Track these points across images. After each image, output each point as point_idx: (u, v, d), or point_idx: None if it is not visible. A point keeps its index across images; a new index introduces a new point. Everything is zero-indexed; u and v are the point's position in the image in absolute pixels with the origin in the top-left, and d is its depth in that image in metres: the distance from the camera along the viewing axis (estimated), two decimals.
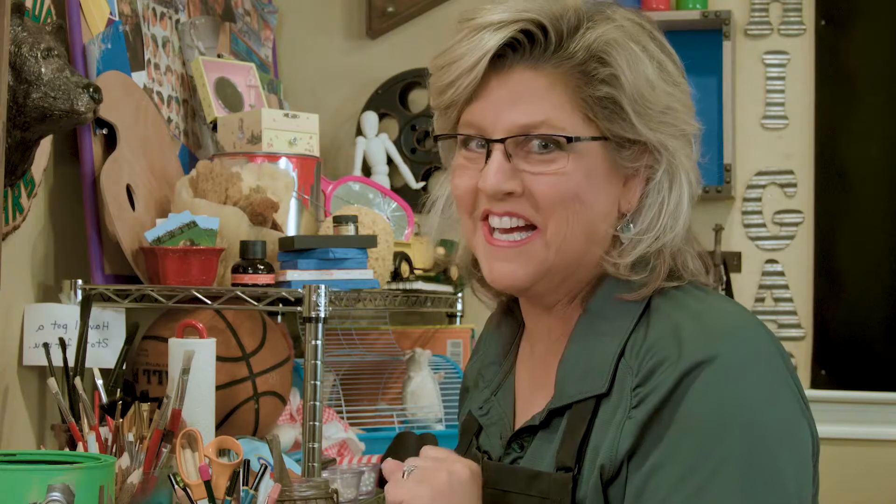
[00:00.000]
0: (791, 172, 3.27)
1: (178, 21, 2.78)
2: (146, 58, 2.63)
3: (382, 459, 2.69)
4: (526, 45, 1.34)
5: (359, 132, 3.33)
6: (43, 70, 2.14)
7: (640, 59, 1.32)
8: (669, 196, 1.35)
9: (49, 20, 2.30)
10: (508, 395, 1.47)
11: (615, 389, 1.31)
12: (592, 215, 1.35)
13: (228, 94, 2.78)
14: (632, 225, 1.36)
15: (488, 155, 1.35)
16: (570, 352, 1.37)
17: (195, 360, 2.07)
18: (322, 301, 2.25)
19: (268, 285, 2.35)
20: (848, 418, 3.14)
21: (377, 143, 3.29)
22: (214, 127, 2.72)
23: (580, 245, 1.36)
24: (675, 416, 1.25)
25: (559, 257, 1.36)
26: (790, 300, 3.23)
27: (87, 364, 2.26)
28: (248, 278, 2.35)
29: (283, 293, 2.31)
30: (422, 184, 3.33)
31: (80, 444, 2.03)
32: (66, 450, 2.09)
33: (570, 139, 1.32)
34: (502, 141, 1.34)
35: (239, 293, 2.32)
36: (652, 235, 1.34)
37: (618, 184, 1.36)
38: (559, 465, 1.33)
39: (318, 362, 2.25)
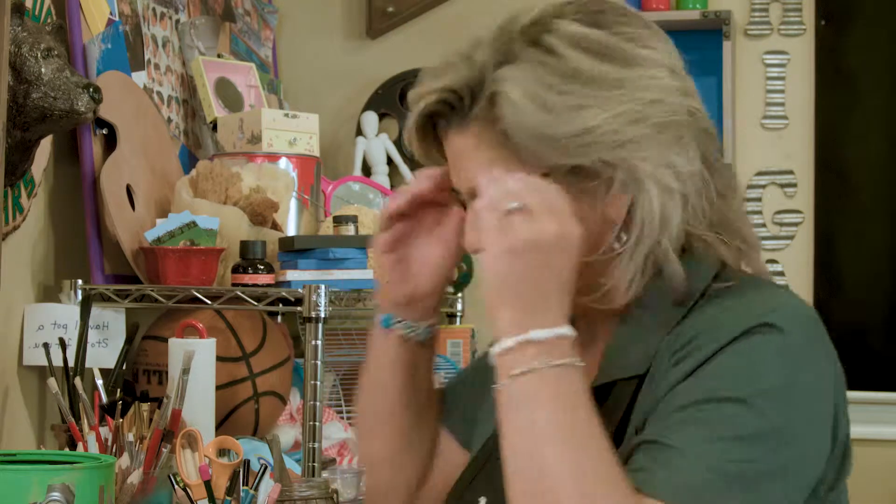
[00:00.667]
0: (791, 172, 3.27)
1: (178, 21, 2.78)
2: (146, 58, 2.63)
3: None
4: (448, 112, 1.33)
5: (359, 132, 3.33)
6: (43, 70, 2.14)
7: (528, 101, 1.27)
8: (643, 203, 1.28)
9: (49, 20, 2.30)
10: None
11: (656, 367, 1.28)
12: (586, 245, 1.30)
13: (228, 94, 2.78)
14: (623, 236, 1.30)
15: None
16: (617, 337, 1.34)
17: (195, 360, 2.07)
18: (322, 301, 2.25)
19: (268, 285, 2.35)
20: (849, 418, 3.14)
21: (377, 143, 3.29)
22: (214, 127, 2.72)
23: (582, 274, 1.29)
24: (706, 369, 1.23)
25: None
26: None
27: (87, 364, 2.26)
28: (248, 278, 2.35)
29: (283, 293, 2.31)
30: None
31: (80, 444, 2.03)
32: (66, 450, 2.09)
33: None
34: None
35: (239, 293, 2.32)
36: (644, 246, 1.29)
37: (592, 205, 1.29)
38: None
39: (318, 362, 2.25)
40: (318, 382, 2.25)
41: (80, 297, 2.34)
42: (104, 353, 2.35)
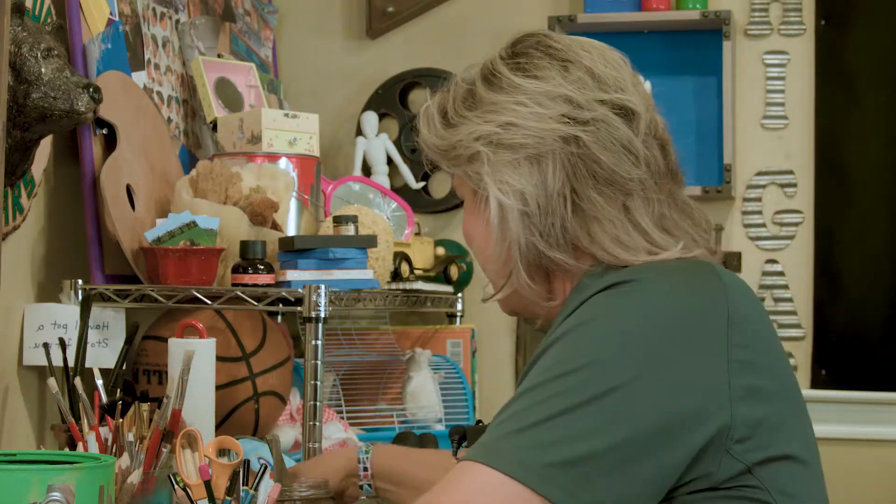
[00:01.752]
0: (791, 172, 3.27)
1: (178, 21, 2.78)
2: (146, 58, 2.63)
3: None
4: None
5: (359, 132, 3.33)
6: (43, 70, 2.14)
7: (425, 120, 1.55)
8: (487, 214, 1.48)
9: (49, 20, 2.30)
10: None
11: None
12: (477, 242, 1.54)
13: (228, 94, 2.78)
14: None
15: None
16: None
17: (195, 360, 2.07)
18: (322, 301, 2.25)
19: (268, 285, 2.35)
20: (848, 418, 3.14)
21: (377, 143, 3.29)
22: (214, 127, 2.72)
23: (483, 265, 1.56)
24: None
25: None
26: (790, 300, 3.23)
27: (87, 364, 2.26)
28: (248, 278, 2.35)
29: (283, 293, 2.31)
30: (422, 184, 3.33)
31: (80, 444, 2.03)
32: (66, 450, 2.09)
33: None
34: None
35: (239, 293, 2.32)
36: (493, 252, 1.49)
37: (484, 214, 1.50)
38: None
39: (318, 362, 2.25)
40: (318, 382, 2.25)
41: (80, 297, 2.35)
42: (104, 353, 2.35)
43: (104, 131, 2.45)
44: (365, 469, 1.85)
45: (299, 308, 2.28)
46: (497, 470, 1.27)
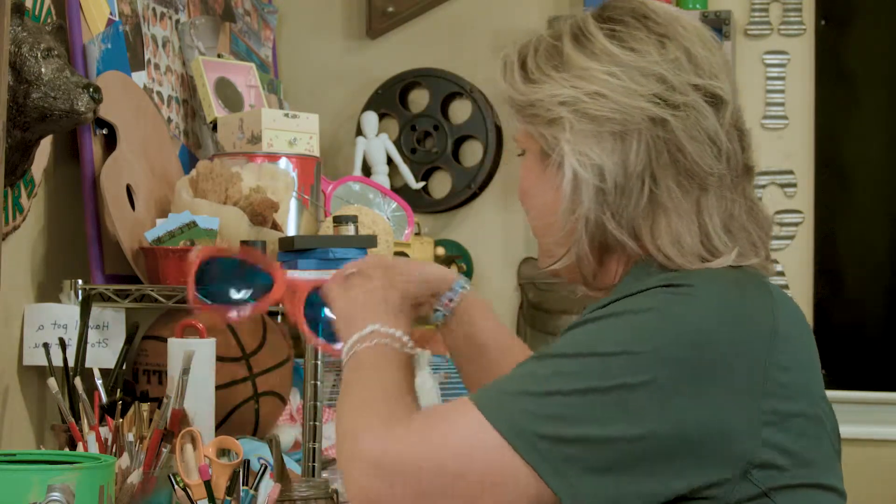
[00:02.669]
0: (791, 172, 3.27)
1: (178, 21, 2.78)
2: (146, 58, 2.63)
3: None
4: None
5: (359, 132, 3.33)
6: (43, 70, 2.14)
7: (503, 70, 1.46)
8: (557, 181, 1.41)
9: (49, 20, 2.30)
10: None
11: None
12: (537, 205, 1.47)
13: (228, 94, 2.78)
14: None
15: None
16: None
17: (195, 360, 2.07)
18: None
19: None
20: (848, 418, 3.12)
21: (377, 143, 3.29)
22: (214, 127, 2.72)
23: (539, 232, 1.48)
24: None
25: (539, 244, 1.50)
26: None
27: (87, 364, 2.26)
28: None
29: None
30: (422, 184, 3.33)
31: (80, 444, 2.03)
32: (66, 450, 2.09)
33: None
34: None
35: None
36: (559, 221, 1.41)
37: (550, 179, 1.43)
38: None
39: (318, 362, 2.25)
40: (318, 382, 2.25)
41: (80, 297, 2.34)
42: (104, 353, 2.35)
43: (104, 131, 2.45)
44: (450, 300, 1.68)
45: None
46: (490, 423, 1.26)
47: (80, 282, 2.36)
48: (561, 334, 1.34)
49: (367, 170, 3.28)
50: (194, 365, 2.07)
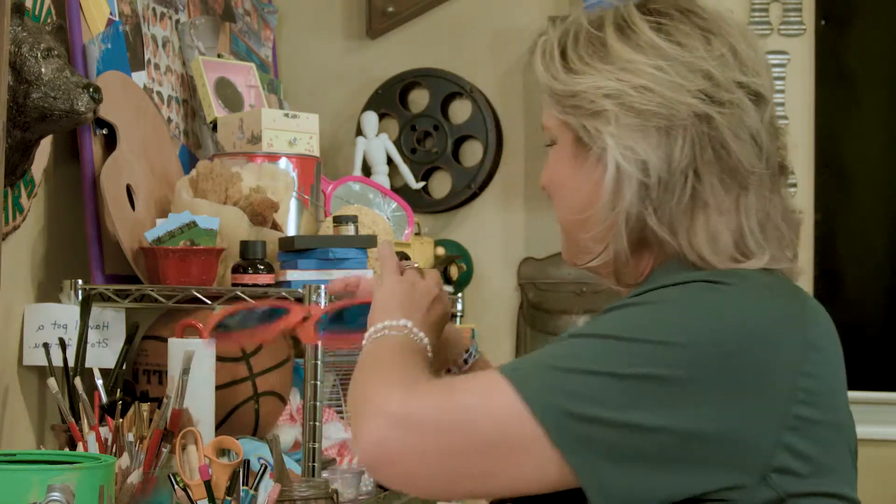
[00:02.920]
0: (791, 172, 3.26)
1: (178, 21, 2.78)
2: (146, 58, 2.63)
3: None
4: None
5: (359, 132, 3.33)
6: (43, 70, 2.14)
7: (542, 59, 1.43)
8: (605, 176, 1.38)
9: (49, 20, 2.30)
10: None
11: None
12: (571, 198, 1.43)
13: (228, 94, 2.78)
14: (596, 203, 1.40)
15: None
16: None
17: (195, 360, 2.07)
18: (322, 301, 2.25)
19: (268, 285, 2.35)
20: None
21: (377, 143, 3.29)
22: (214, 127, 2.72)
23: (572, 226, 1.44)
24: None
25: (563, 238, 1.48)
26: None
27: (87, 364, 2.26)
28: (248, 278, 2.35)
29: (283, 293, 2.31)
30: (422, 184, 3.33)
31: (80, 444, 2.03)
32: (66, 450, 2.09)
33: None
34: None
35: (239, 293, 2.32)
36: (599, 215, 1.38)
37: (587, 171, 1.40)
38: None
39: (318, 362, 2.25)
40: (318, 382, 2.25)
41: (80, 297, 2.34)
42: (104, 353, 2.35)
43: (104, 131, 2.45)
44: (465, 361, 1.74)
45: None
46: (518, 392, 1.25)
47: (80, 282, 2.36)
48: (593, 318, 1.33)
49: (367, 170, 3.28)
50: (194, 365, 2.07)
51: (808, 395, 1.29)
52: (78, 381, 2.11)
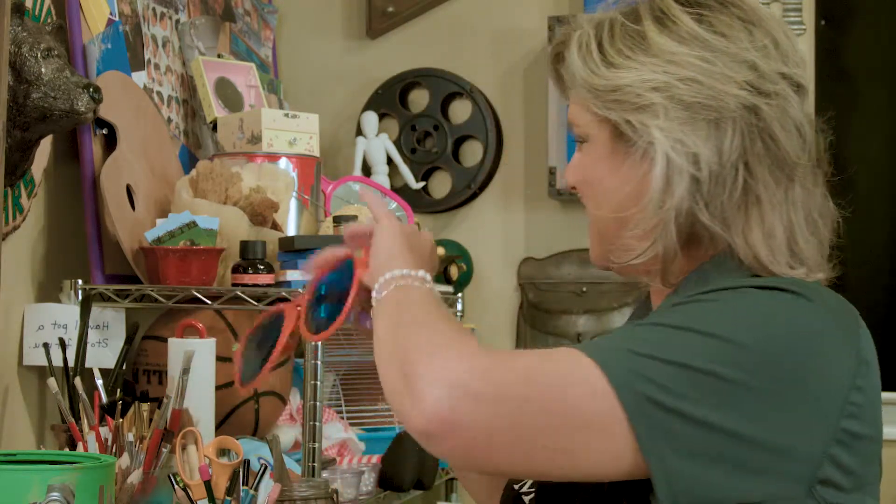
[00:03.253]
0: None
1: (178, 21, 2.78)
2: (146, 58, 2.63)
3: (382, 461, 2.70)
4: (562, 59, 1.44)
5: (359, 132, 3.33)
6: (43, 70, 2.14)
7: (579, 53, 1.39)
8: (654, 171, 1.34)
9: (49, 20, 2.30)
10: None
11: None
12: (611, 197, 1.39)
13: (228, 94, 2.78)
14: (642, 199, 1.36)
15: None
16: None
17: (195, 360, 2.07)
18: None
19: (268, 285, 2.35)
20: None
21: (377, 143, 3.29)
22: (214, 127, 2.72)
23: (610, 225, 1.39)
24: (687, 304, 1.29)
25: (595, 238, 1.43)
26: None
27: (87, 364, 2.26)
28: (248, 278, 2.35)
29: (283, 293, 2.31)
30: (422, 184, 3.33)
31: (80, 444, 2.03)
32: (66, 450, 2.09)
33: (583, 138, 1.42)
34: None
35: (239, 293, 2.32)
36: (648, 212, 1.34)
37: (629, 166, 1.37)
38: None
39: (318, 362, 2.25)
40: (318, 382, 2.25)
41: (80, 297, 2.35)
42: (104, 353, 2.36)
43: (104, 131, 2.45)
44: None
45: (299, 308, 2.28)
46: (602, 370, 1.20)
47: (80, 282, 2.37)
48: (663, 310, 1.30)
49: (367, 170, 3.28)
50: (194, 365, 2.07)
51: (857, 409, 1.28)
52: (78, 381, 2.11)
